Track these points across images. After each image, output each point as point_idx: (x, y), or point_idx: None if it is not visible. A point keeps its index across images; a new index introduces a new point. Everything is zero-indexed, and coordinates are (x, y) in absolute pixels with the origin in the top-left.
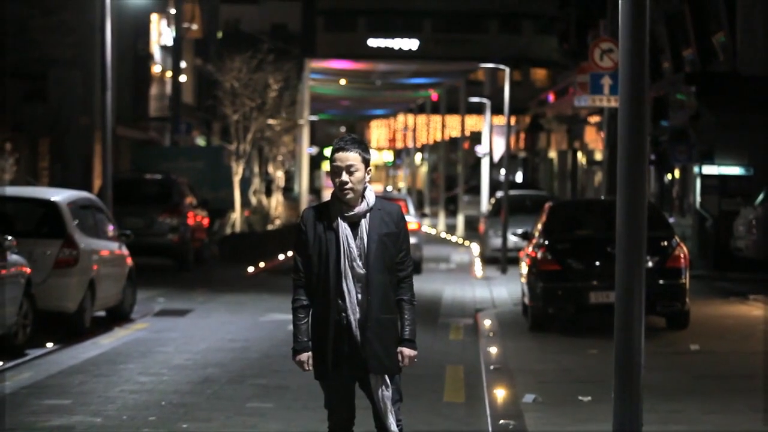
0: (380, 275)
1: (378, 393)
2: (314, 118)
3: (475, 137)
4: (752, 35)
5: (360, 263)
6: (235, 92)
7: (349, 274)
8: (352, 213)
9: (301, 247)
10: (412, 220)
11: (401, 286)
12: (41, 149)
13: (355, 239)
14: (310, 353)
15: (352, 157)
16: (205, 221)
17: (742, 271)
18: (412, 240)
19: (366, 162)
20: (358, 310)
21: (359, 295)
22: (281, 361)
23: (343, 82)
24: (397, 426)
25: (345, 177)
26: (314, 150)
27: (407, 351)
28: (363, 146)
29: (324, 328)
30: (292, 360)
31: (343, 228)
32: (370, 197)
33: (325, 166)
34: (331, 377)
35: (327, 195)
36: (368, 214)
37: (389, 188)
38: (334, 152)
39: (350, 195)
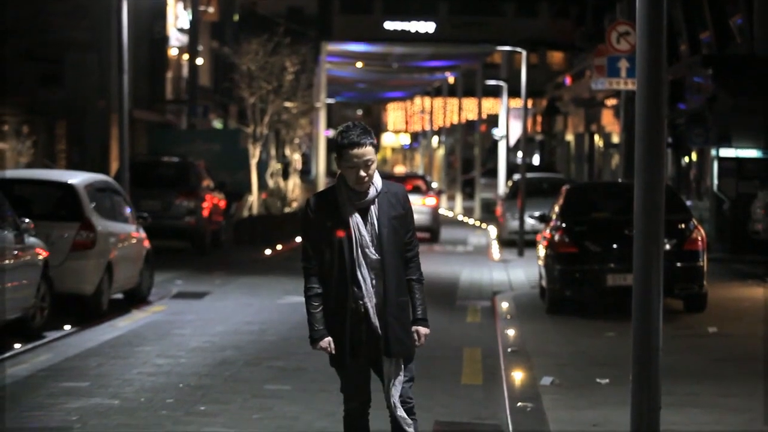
0: (393, 259)
1: (393, 376)
2: (331, 101)
3: (492, 120)
4: None
5: (372, 249)
6: (252, 75)
7: (363, 262)
8: (363, 200)
9: (310, 234)
10: (431, 196)
11: (409, 266)
12: (58, 132)
13: (365, 225)
14: (330, 338)
15: (368, 152)
16: (222, 204)
17: (759, 254)
18: (425, 213)
19: (376, 150)
20: (374, 296)
21: (374, 281)
22: (298, 343)
23: (359, 64)
24: (409, 404)
25: (362, 172)
26: (331, 133)
27: (423, 330)
28: (372, 135)
29: (340, 317)
30: (312, 348)
31: (354, 215)
32: (378, 182)
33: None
34: (349, 365)
35: None
36: (376, 199)
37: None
38: (348, 147)
39: (368, 187)
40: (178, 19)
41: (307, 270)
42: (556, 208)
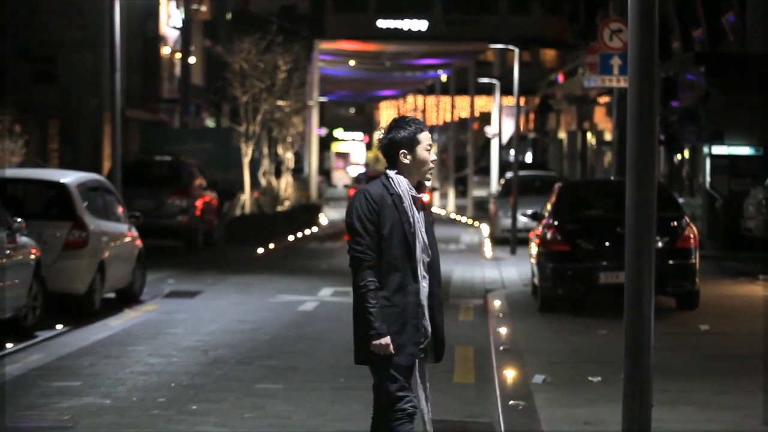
0: (439, 261)
1: (426, 380)
2: (323, 99)
3: (485, 118)
4: (762, 15)
5: (428, 249)
6: (245, 74)
7: (421, 259)
8: (420, 195)
9: (374, 227)
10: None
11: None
12: (51, 131)
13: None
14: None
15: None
16: (215, 203)
17: (751, 251)
18: None
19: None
20: (427, 296)
21: (427, 280)
22: (291, 342)
23: (352, 63)
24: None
25: (434, 155)
26: (323, 131)
27: None
28: None
29: (406, 313)
30: (372, 344)
31: (415, 211)
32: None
33: (335, 147)
34: (411, 363)
35: (336, 176)
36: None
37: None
38: (421, 131)
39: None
40: (170, 17)
41: (365, 262)
42: (549, 206)
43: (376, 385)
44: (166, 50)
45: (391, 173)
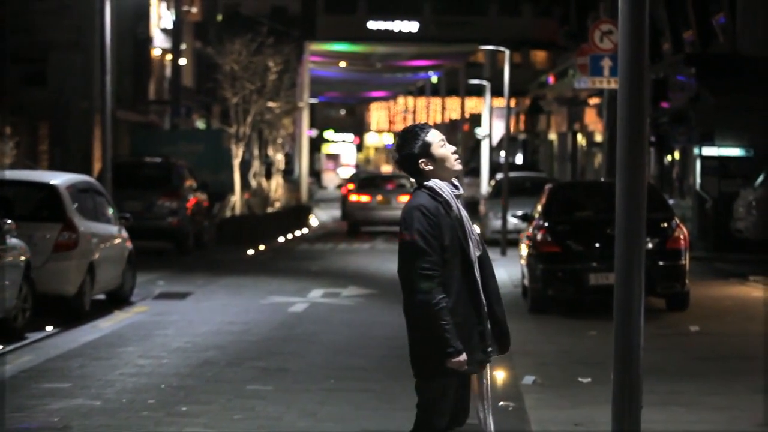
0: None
1: (488, 380)
2: (314, 100)
3: (475, 119)
4: (752, 16)
5: (479, 243)
6: (235, 75)
7: (476, 258)
8: (461, 192)
9: (437, 242)
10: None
11: None
12: (41, 133)
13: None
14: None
15: None
16: (205, 204)
17: (741, 253)
18: None
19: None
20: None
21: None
22: (281, 343)
23: (343, 64)
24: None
25: (451, 146)
26: (314, 132)
27: None
28: None
29: (468, 322)
30: (450, 361)
31: (462, 209)
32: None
33: (326, 148)
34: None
35: (326, 177)
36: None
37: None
38: (426, 134)
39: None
40: (161, 19)
41: (435, 279)
42: (539, 208)
43: (425, 397)
44: (156, 52)
45: (429, 183)
